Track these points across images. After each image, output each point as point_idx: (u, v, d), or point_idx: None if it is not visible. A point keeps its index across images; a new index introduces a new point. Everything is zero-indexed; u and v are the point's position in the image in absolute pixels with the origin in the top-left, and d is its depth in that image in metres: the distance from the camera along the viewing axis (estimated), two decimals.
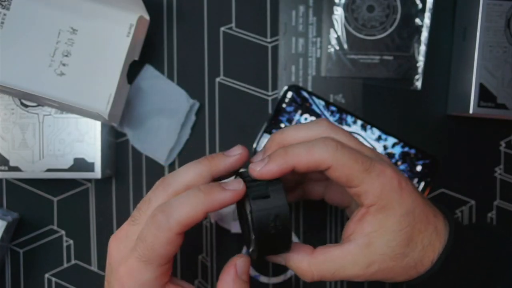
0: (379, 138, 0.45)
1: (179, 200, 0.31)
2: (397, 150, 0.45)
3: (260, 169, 0.32)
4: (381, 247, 0.32)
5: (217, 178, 0.34)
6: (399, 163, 0.45)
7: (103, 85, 0.41)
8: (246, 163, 0.34)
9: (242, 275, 0.33)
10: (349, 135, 0.34)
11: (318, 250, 0.33)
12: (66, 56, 0.41)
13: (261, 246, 0.32)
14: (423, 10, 0.47)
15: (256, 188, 0.32)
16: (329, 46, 0.47)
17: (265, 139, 0.46)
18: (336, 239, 0.48)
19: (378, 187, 0.32)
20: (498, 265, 0.35)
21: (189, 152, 0.47)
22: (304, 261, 0.33)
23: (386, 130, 0.45)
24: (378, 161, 0.33)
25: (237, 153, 0.33)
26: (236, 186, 0.31)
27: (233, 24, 0.47)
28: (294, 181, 0.39)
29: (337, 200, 0.39)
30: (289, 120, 0.45)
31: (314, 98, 0.45)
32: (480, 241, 0.35)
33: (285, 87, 0.45)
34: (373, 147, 0.45)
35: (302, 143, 0.32)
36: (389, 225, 0.32)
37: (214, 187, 0.31)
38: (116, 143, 0.47)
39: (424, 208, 0.33)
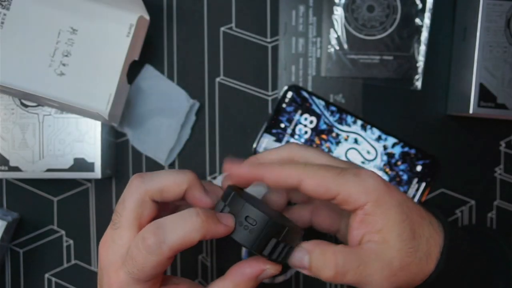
0: (379, 138, 0.45)
1: (173, 222, 0.30)
2: (397, 150, 0.45)
3: (232, 172, 0.33)
4: (395, 242, 0.31)
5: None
6: (399, 163, 0.45)
7: (103, 85, 0.41)
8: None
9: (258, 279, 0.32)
10: (321, 152, 0.35)
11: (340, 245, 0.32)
12: (66, 56, 0.41)
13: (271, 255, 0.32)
14: (423, 10, 0.47)
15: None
16: (329, 46, 0.47)
17: (265, 139, 0.46)
18: None
19: (360, 185, 0.31)
20: (492, 263, 0.35)
21: (189, 152, 0.47)
22: (329, 251, 0.32)
23: (386, 130, 0.45)
24: (354, 167, 0.33)
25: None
26: (230, 222, 0.31)
27: (233, 24, 0.47)
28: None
29: (326, 224, 0.39)
30: (289, 120, 0.45)
31: (314, 98, 0.45)
32: (472, 239, 0.35)
33: (285, 87, 0.45)
34: (373, 147, 0.45)
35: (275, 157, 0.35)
36: (393, 217, 0.31)
37: (211, 217, 0.30)
38: (116, 143, 0.47)
39: (414, 203, 0.33)
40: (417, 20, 0.47)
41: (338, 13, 0.47)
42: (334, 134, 0.45)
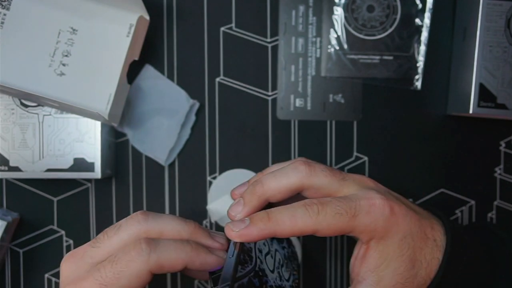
0: None
1: (166, 241, 0.30)
2: None
3: (239, 230, 0.31)
4: (391, 278, 0.32)
5: None
6: None
7: (103, 85, 0.41)
8: None
9: None
10: (329, 170, 0.34)
11: None
12: (66, 56, 0.41)
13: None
14: (423, 10, 0.47)
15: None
16: (329, 46, 0.47)
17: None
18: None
19: (371, 224, 0.32)
20: (497, 267, 0.35)
21: (189, 152, 0.47)
22: None
23: None
24: (364, 196, 0.32)
25: (220, 242, 0.32)
26: (222, 254, 0.31)
27: (233, 24, 0.47)
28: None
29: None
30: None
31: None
32: (478, 243, 0.35)
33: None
34: None
35: (284, 208, 0.32)
36: (392, 254, 0.32)
37: (201, 247, 0.31)
38: (116, 143, 0.47)
39: (421, 225, 0.33)
40: (417, 20, 0.47)
41: (338, 13, 0.47)
42: None
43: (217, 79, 0.47)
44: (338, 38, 0.47)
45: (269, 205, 0.34)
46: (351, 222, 0.31)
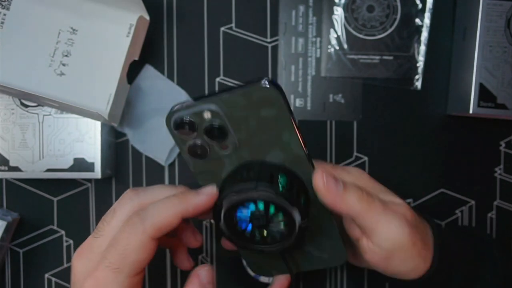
0: None
1: (154, 204, 0.30)
2: None
3: (333, 190, 0.31)
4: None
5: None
6: None
7: (103, 85, 0.41)
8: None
9: (206, 285, 0.32)
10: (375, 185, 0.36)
11: None
12: (66, 56, 0.41)
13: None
14: (423, 10, 0.47)
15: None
16: (329, 46, 0.47)
17: None
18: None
19: (390, 232, 0.33)
20: (480, 263, 0.37)
21: None
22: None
23: None
24: (391, 205, 0.34)
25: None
26: (209, 190, 0.31)
27: (233, 24, 0.47)
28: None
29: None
30: None
31: None
32: (461, 239, 0.38)
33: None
34: None
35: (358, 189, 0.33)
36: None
37: (188, 193, 0.31)
38: (116, 143, 0.47)
39: (421, 230, 0.35)
40: (417, 20, 0.47)
41: (338, 13, 0.47)
42: None
43: (217, 79, 0.47)
44: (338, 38, 0.47)
45: None
46: (379, 215, 0.33)
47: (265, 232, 0.31)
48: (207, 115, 0.29)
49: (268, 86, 0.28)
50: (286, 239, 0.31)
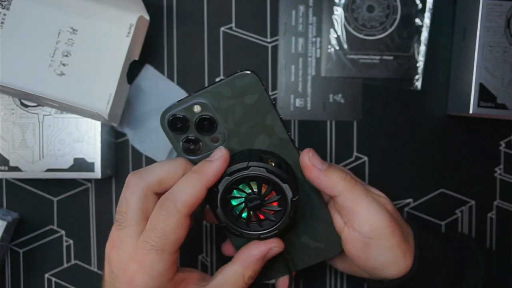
0: None
1: (179, 186, 0.32)
2: None
3: (318, 165, 0.34)
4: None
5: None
6: None
7: (103, 85, 0.41)
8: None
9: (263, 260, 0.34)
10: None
11: None
12: (66, 56, 0.41)
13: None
14: (423, 10, 0.47)
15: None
16: (329, 46, 0.47)
17: None
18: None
19: (370, 219, 0.34)
20: (462, 265, 0.37)
21: None
22: None
23: None
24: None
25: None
26: (219, 153, 0.32)
27: (233, 24, 0.47)
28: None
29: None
30: None
31: None
32: (444, 243, 0.38)
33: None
34: None
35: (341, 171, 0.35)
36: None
37: (202, 165, 0.32)
38: (116, 143, 0.47)
39: (402, 225, 0.36)
40: (417, 20, 0.47)
41: (338, 13, 0.47)
42: None
43: (217, 79, 0.47)
44: (338, 38, 0.47)
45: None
46: (361, 198, 0.35)
47: (259, 215, 0.33)
48: (197, 108, 0.33)
49: (248, 72, 0.32)
50: (280, 219, 0.33)
